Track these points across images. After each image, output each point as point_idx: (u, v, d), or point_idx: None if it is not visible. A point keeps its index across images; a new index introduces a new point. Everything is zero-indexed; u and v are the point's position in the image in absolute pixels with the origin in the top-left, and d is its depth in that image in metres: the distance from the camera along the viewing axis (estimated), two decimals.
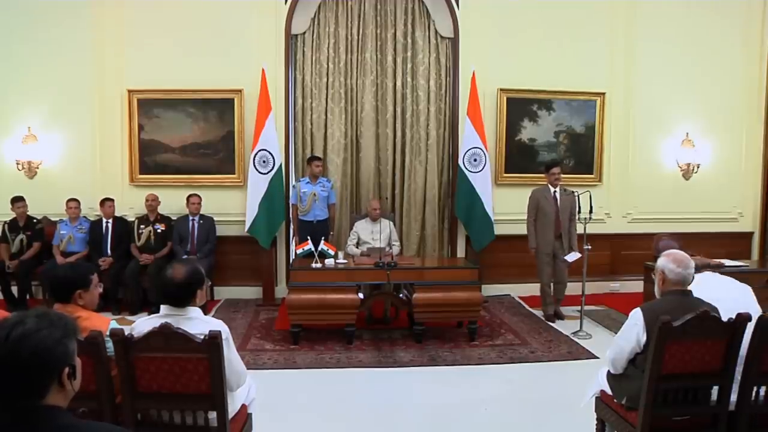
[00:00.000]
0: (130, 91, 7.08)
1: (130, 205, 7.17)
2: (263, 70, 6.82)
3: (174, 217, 7.07)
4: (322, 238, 6.06)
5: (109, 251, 6.80)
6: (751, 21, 7.95)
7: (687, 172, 7.94)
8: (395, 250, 6.49)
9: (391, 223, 6.73)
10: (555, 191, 6.43)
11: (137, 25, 7.09)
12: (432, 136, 7.43)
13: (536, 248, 6.45)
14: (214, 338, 2.45)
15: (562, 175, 6.52)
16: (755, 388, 2.80)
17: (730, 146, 8.05)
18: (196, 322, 2.59)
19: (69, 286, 2.64)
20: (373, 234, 6.35)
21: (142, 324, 2.62)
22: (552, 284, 6.47)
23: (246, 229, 6.95)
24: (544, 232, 6.38)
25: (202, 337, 2.46)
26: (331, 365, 4.98)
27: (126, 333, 2.54)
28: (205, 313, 2.83)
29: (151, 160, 7.20)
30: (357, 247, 6.53)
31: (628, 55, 7.69)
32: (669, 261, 2.87)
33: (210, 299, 7.00)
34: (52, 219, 7.00)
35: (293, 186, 7.07)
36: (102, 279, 2.91)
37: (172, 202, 7.05)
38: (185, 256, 6.60)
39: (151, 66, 7.10)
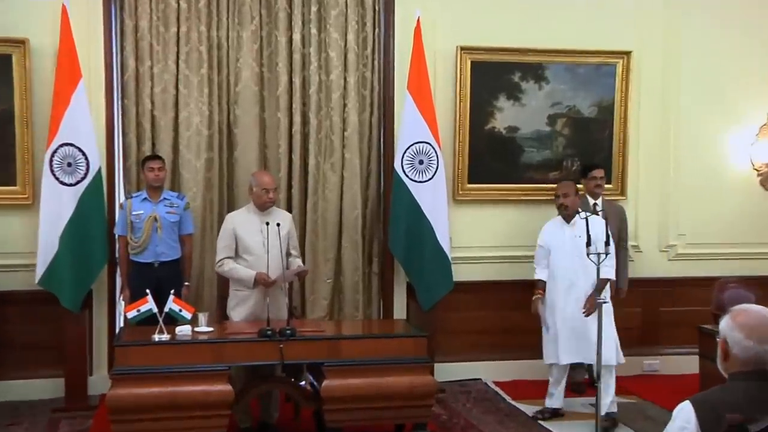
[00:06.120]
0: None
1: None
2: (64, 7, 5.65)
3: None
4: (171, 291, 5.17)
5: None
6: None
7: (766, 178, 7.00)
8: (296, 263, 5.66)
9: (292, 218, 5.93)
10: (596, 204, 6.24)
11: None
12: (352, 122, 6.45)
13: None
14: None
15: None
16: None
17: None
18: None
19: None
20: (262, 228, 5.30)
21: None
22: None
23: (37, 280, 5.80)
24: None
25: None
26: None
27: None
28: None
29: None
30: (236, 259, 5.46)
31: None
32: (734, 327, 2.37)
33: None
34: None
35: (120, 205, 6.04)
36: None
37: None
38: None
39: None
